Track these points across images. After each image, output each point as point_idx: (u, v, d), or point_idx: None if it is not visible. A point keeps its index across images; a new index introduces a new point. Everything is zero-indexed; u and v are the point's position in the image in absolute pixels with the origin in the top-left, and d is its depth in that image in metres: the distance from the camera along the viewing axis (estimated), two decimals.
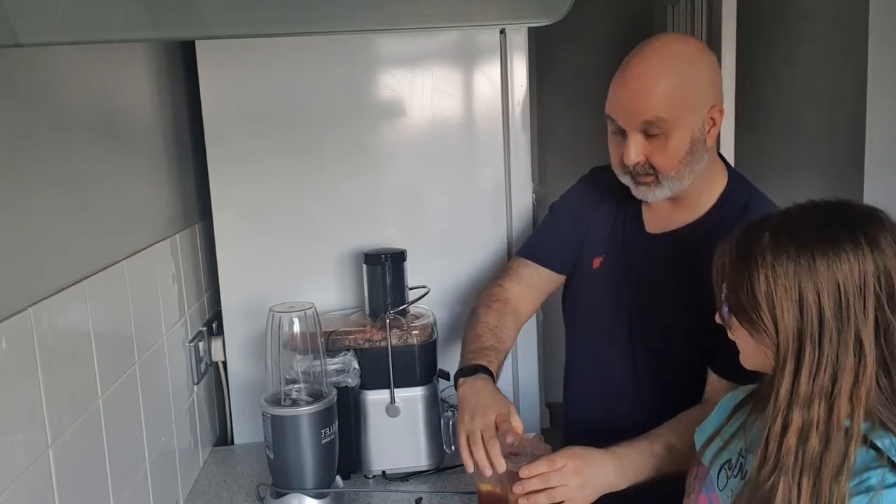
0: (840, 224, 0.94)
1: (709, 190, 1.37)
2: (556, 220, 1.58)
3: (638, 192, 1.35)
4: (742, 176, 1.41)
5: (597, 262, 1.47)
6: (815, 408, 0.91)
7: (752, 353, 1.01)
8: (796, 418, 0.91)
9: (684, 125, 1.26)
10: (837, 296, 0.91)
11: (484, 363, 1.39)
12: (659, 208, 1.40)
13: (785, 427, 0.92)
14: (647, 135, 1.27)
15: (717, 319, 1.05)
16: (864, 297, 0.91)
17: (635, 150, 1.28)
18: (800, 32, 2.66)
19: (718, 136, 1.42)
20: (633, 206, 1.44)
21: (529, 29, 2.06)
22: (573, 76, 3.96)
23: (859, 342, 0.91)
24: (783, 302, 0.93)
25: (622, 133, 1.30)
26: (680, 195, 1.35)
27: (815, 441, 0.91)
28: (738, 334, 1.01)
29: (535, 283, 1.54)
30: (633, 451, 1.24)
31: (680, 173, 1.29)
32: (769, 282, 0.93)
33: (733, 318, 1.00)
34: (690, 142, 1.27)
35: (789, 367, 0.93)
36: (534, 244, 1.59)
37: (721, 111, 1.30)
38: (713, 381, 1.29)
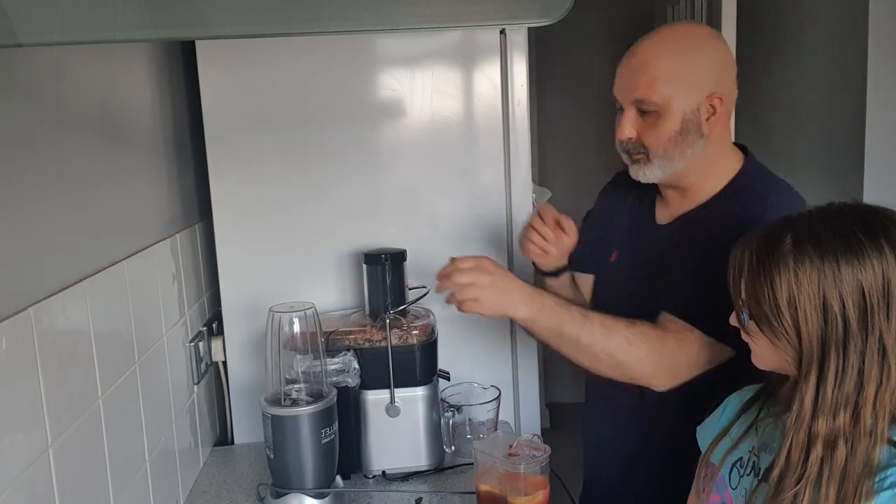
0: (862, 229, 0.93)
1: (715, 178, 1.36)
2: (585, 225, 1.61)
3: (632, 171, 1.37)
4: (763, 167, 1.40)
5: (613, 257, 1.50)
6: (840, 416, 0.90)
7: (768, 356, 1.00)
8: (822, 428, 0.91)
9: (675, 107, 1.29)
10: (862, 302, 0.90)
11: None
12: (669, 199, 1.41)
13: (811, 438, 0.91)
14: (641, 112, 1.31)
15: (733, 321, 1.04)
16: (888, 303, 0.90)
17: (627, 126, 1.33)
18: (800, 32, 2.66)
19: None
20: (649, 199, 1.46)
21: (529, 29, 2.06)
22: (573, 76, 3.96)
23: (883, 349, 0.90)
24: (807, 309, 0.92)
25: (622, 111, 1.34)
26: (682, 183, 1.36)
27: (842, 450, 0.90)
28: (757, 339, 1.01)
29: (581, 286, 1.61)
30: (552, 298, 1.31)
31: (669, 154, 1.31)
32: (792, 289, 0.92)
33: (753, 324, 0.99)
34: (681, 124, 1.29)
35: (813, 375, 0.92)
36: (573, 253, 1.61)
37: (722, 98, 1.30)
38: (666, 318, 1.29)
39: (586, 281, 1.59)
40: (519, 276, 1.81)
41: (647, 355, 1.26)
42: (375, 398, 1.60)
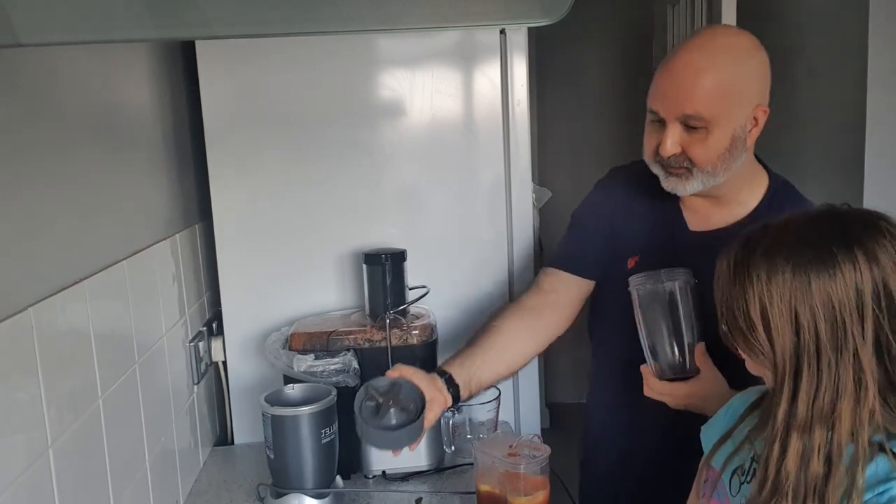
0: (837, 238, 0.90)
1: (751, 189, 1.34)
2: (581, 225, 1.51)
3: (668, 184, 1.31)
4: (781, 176, 1.38)
5: (632, 262, 1.41)
6: (815, 433, 0.88)
7: (752, 365, 0.99)
8: (795, 443, 0.89)
9: (727, 122, 1.23)
10: (833, 317, 0.88)
11: (446, 368, 1.39)
12: (698, 206, 1.37)
13: (783, 451, 0.90)
14: (687, 127, 1.25)
15: (721, 334, 1.03)
16: (863, 318, 0.88)
17: (672, 140, 1.25)
18: (800, 33, 2.66)
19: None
20: (671, 204, 1.39)
21: (529, 29, 2.06)
22: (573, 76, 3.96)
23: (859, 364, 0.88)
24: (778, 324, 0.90)
25: (661, 122, 1.27)
26: (718, 193, 1.33)
27: (816, 466, 0.88)
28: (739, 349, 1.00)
29: (559, 289, 1.48)
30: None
31: (716, 169, 1.27)
32: (764, 302, 0.91)
33: (730, 336, 0.98)
34: (731, 139, 1.25)
35: (787, 389, 0.91)
36: (559, 252, 1.53)
37: (765, 111, 1.27)
38: None
39: (577, 286, 1.48)
40: (519, 273, 1.82)
41: None
42: None
